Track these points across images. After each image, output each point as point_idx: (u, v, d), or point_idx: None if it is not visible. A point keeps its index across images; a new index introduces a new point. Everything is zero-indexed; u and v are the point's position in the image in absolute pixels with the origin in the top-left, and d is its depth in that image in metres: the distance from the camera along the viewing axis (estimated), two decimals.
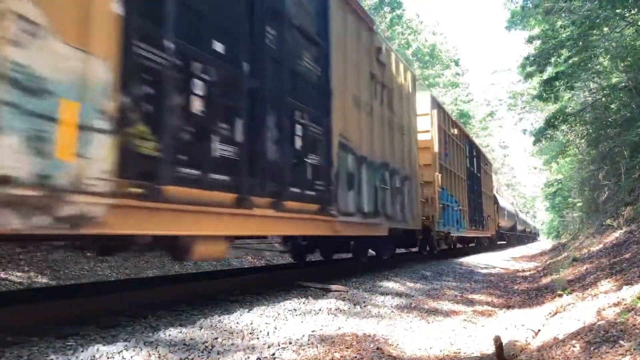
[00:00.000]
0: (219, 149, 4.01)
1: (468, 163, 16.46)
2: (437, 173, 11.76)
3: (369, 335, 3.73)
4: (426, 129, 11.77)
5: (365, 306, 4.92)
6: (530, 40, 18.71)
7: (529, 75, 19.17)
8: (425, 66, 38.01)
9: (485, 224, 19.03)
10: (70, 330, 3.19)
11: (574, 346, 3.13)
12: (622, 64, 14.58)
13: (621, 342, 2.84)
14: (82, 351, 2.65)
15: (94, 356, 2.60)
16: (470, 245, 19.35)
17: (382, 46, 8.29)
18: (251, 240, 9.86)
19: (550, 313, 4.81)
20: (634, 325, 3.04)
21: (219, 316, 3.80)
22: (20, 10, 2.48)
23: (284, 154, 4.98)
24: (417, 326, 4.33)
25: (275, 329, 3.66)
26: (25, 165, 2.48)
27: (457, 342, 3.80)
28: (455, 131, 14.61)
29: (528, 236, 45.40)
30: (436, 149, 12.02)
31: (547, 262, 12.92)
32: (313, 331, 3.68)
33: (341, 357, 3.16)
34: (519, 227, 37.21)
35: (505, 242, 29.63)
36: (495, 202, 23.33)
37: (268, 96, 4.76)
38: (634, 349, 2.63)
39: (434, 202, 11.34)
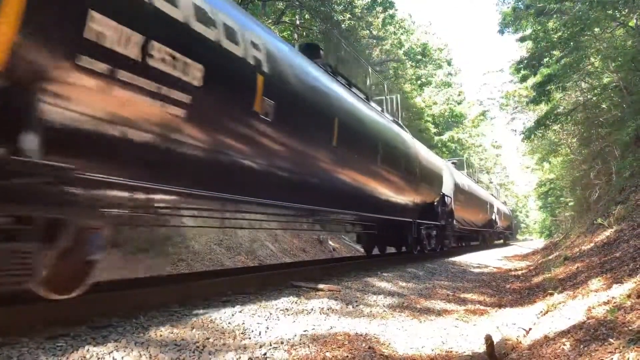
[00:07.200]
0: None
1: None
2: None
3: (361, 335, 3.73)
4: None
5: (357, 306, 4.92)
6: (522, 40, 18.80)
7: (524, 79, 19.26)
8: (417, 66, 38.16)
9: None
10: (61, 330, 3.16)
11: (564, 344, 3.16)
12: (613, 64, 14.65)
13: (610, 339, 2.86)
14: (73, 352, 2.64)
15: (85, 357, 2.59)
16: None
17: None
18: None
19: (541, 312, 4.84)
20: (623, 323, 3.07)
21: (211, 316, 3.79)
22: None
23: None
24: (409, 325, 4.35)
25: (267, 328, 3.65)
26: None
27: (449, 341, 3.82)
28: None
29: (496, 234, 29.79)
30: None
31: (539, 261, 13.00)
32: (305, 331, 3.68)
33: (333, 356, 3.16)
34: (500, 224, 29.44)
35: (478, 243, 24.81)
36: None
37: None
38: (623, 347, 2.65)
39: None
